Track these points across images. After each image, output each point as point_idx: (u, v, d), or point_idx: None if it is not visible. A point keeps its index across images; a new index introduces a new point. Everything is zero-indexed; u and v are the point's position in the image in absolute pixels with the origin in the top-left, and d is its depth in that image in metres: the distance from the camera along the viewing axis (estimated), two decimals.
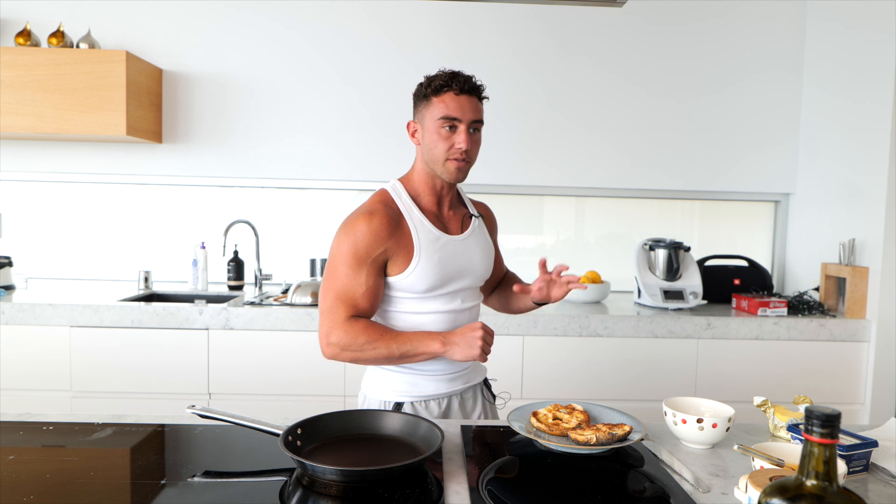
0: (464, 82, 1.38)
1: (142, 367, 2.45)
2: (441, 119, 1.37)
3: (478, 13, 3.00)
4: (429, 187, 1.45)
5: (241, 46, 2.98)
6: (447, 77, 1.38)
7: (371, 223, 1.36)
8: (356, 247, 1.35)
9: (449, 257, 1.42)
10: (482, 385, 1.58)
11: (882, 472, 1.14)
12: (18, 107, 2.62)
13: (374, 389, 1.48)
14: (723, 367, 2.57)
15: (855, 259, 2.68)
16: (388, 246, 1.37)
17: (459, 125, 1.37)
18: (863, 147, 2.66)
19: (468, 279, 1.47)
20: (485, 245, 1.53)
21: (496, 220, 1.67)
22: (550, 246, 3.23)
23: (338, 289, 1.37)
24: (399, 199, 1.43)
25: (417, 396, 1.45)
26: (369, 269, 1.36)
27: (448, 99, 1.37)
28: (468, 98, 1.38)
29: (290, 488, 1.02)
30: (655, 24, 3.05)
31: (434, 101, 1.39)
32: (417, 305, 1.42)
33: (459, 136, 1.37)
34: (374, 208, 1.39)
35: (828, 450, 0.68)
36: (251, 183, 3.08)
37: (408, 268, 1.38)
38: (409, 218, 1.41)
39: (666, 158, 3.11)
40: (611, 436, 1.15)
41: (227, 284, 2.98)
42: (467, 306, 1.48)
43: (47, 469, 1.08)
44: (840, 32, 2.84)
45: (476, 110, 1.40)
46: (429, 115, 1.40)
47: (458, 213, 1.51)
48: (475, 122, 1.39)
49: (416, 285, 1.39)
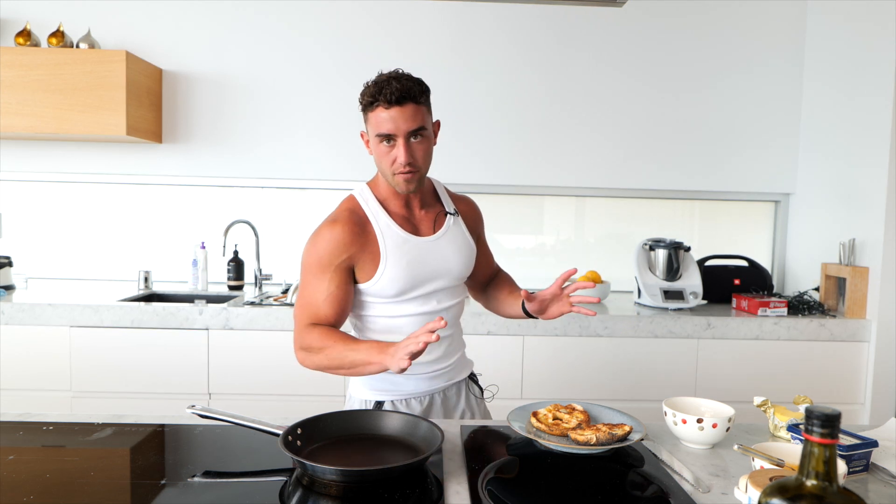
0: (391, 94, 1.27)
1: (142, 367, 2.45)
2: (377, 136, 1.32)
3: (480, 12, 3.00)
4: (393, 193, 1.41)
5: (241, 46, 2.98)
6: (374, 91, 1.29)
7: (333, 231, 1.35)
8: (320, 255, 1.35)
9: (419, 260, 1.39)
10: (467, 380, 1.57)
11: (882, 472, 1.14)
12: (18, 107, 2.62)
13: (356, 389, 1.49)
14: (723, 367, 2.57)
15: (855, 259, 2.68)
16: (353, 252, 1.35)
17: (396, 139, 1.31)
18: (863, 147, 2.66)
19: (443, 280, 1.43)
20: (462, 242, 1.48)
21: (481, 214, 1.61)
22: (550, 246, 3.23)
23: (304, 297, 1.37)
24: (366, 205, 1.41)
25: (397, 395, 1.45)
26: (332, 276, 1.34)
27: (380, 114, 1.30)
28: (400, 109, 1.28)
29: (290, 488, 1.02)
30: (656, 24, 3.05)
31: (369, 115, 1.33)
32: (391, 309, 1.41)
33: (398, 149, 1.31)
34: (338, 216, 1.37)
35: (828, 450, 0.68)
36: (251, 183, 3.08)
37: (376, 273, 1.37)
38: (376, 223, 1.39)
39: (666, 158, 3.11)
40: (611, 436, 1.15)
41: (227, 284, 2.98)
42: (444, 307, 1.45)
43: (47, 469, 1.08)
44: (840, 32, 2.84)
45: (412, 118, 1.30)
46: (369, 129, 1.35)
47: (431, 212, 1.47)
48: (415, 131, 1.31)
49: (386, 290, 1.38)
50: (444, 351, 1.48)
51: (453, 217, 1.49)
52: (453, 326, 1.50)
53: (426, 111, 1.35)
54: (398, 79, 1.31)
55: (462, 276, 1.48)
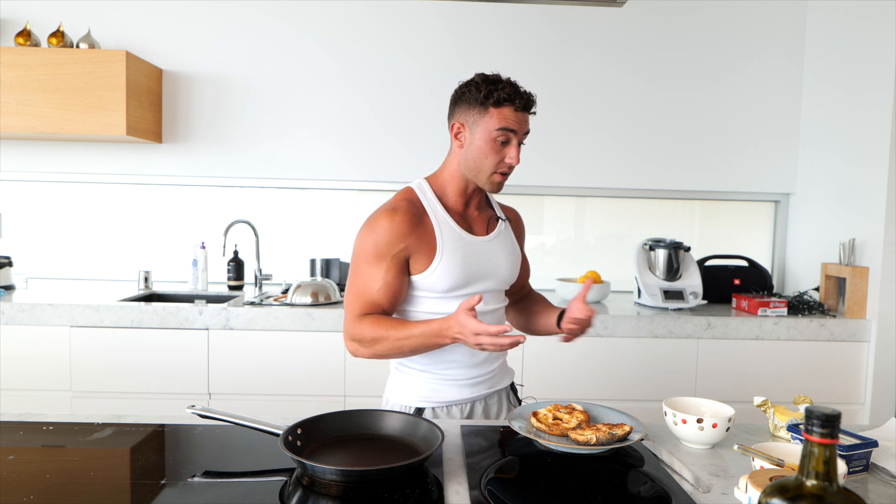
0: (526, 100, 1.36)
1: (142, 367, 2.45)
2: (498, 130, 1.35)
3: (481, 11, 3.00)
4: (458, 188, 1.44)
5: (242, 46, 2.98)
6: (511, 89, 1.35)
7: (393, 220, 1.35)
8: (377, 243, 1.34)
9: (472, 257, 1.40)
10: (508, 389, 1.56)
11: (882, 472, 1.14)
12: (18, 107, 2.62)
13: (396, 394, 1.47)
14: (723, 367, 2.57)
15: (855, 259, 2.68)
16: (410, 242, 1.35)
17: (514, 138, 1.36)
18: (863, 147, 2.66)
19: (491, 281, 1.44)
20: (510, 248, 1.50)
21: (524, 226, 1.63)
22: (550, 246, 3.23)
23: (357, 285, 1.37)
24: (424, 197, 1.42)
25: (438, 402, 1.43)
26: (389, 265, 1.35)
27: (508, 113, 1.35)
28: (526, 114, 1.38)
29: (290, 488, 1.02)
30: (655, 24, 3.05)
31: (492, 111, 1.35)
32: (439, 306, 1.40)
33: (511, 150, 1.36)
34: (397, 205, 1.38)
35: (828, 450, 0.68)
36: (251, 183, 3.08)
37: (430, 266, 1.37)
38: (434, 216, 1.40)
39: (666, 158, 3.12)
40: (611, 436, 1.15)
41: (227, 284, 2.98)
42: (489, 308, 1.45)
43: (47, 469, 1.08)
44: (840, 32, 2.84)
45: (527, 125, 1.39)
46: (483, 124, 1.36)
47: (483, 215, 1.49)
48: (524, 136, 1.39)
49: (438, 284, 1.38)
50: (487, 356, 1.46)
51: (504, 223, 1.52)
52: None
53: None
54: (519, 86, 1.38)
55: (509, 280, 1.50)
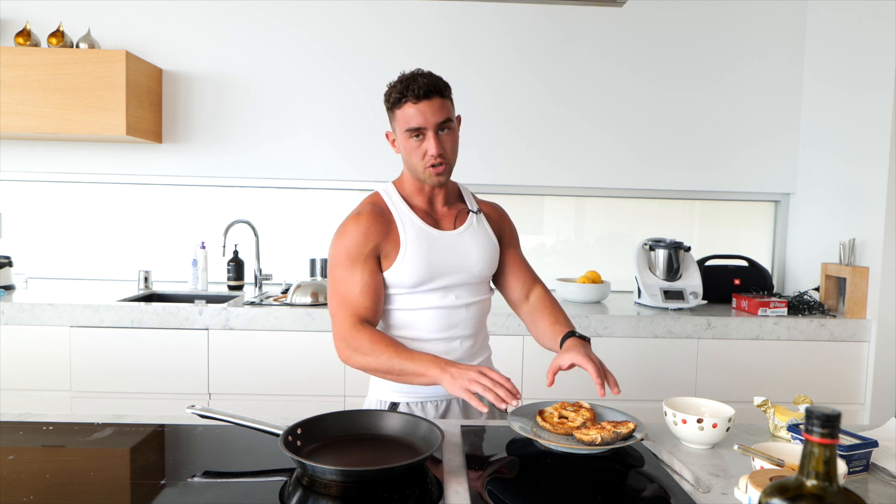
0: (419, 89, 1.33)
1: (142, 367, 2.45)
2: (406, 132, 1.37)
3: (481, 11, 3.00)
4: (415, 188, 1.47)
5: (242, 46, 2.98)
6: (402, 87, 1.35)
7: (359, 223, 1.39)
8: (348, 248, 1.38)
9: (438, 251, 1.42)
10: None
11: (882, 472, 1.14)
12: (18, 107, 2.62)
13: (374, 389, 1.49)
14: (723, 367, 2.57)
15: (855, 259, 2.68)
16: (378, 241, 1.39)
17: (426, 132, 1.36)
18: (863, 147, 2.65)
19: (461, 275, 1.44)
20: (484, 241, 1.49)
21: (508, 218, 1.61)
22: (550, 246, 3.23)
23: (339, 292, 1.39)
24: (389, 199, 1.45)
25: (414, 397, 1.45)
26: (363, 266, 1.38)
27: (408, 109, 1.35)
28: (428, 103, 1.34)
29: (290, 488, 1.02)
30: (655, 24, 3.05)
31: (396, 113, 1.37)
32: (410, 301, 1.43)
33: (428, 142, 1.36)
34: (361, 209, 1.43)
35: (828, 450, 0.68)
36: (251, 183, 3.08)
37: (395, 261, 1.39)
38: (397, 214, 1.43)
39: (666, 158, 3.11)
40: (615, 434, 1.15)
41: (227, 284, 2.98)
42: (462, 303, 1.45)
43: (47, 469, 1.08)
44: (840, 32, 2.84)
45: (440, 111, 1.35)
46: (397, 127, 1.40)
47: (453, 210, 1.50)
48: (442, 123, 1.36)
49: (405, 279, 1.40)
50: (467, 352, 1.47)
51: (476, 215, 1.52)
52: (475, 327, 1.49)
53: (451, 105, 1.40)
54: (422, 75, 1.37)
55: (483, 273, 1.49)
